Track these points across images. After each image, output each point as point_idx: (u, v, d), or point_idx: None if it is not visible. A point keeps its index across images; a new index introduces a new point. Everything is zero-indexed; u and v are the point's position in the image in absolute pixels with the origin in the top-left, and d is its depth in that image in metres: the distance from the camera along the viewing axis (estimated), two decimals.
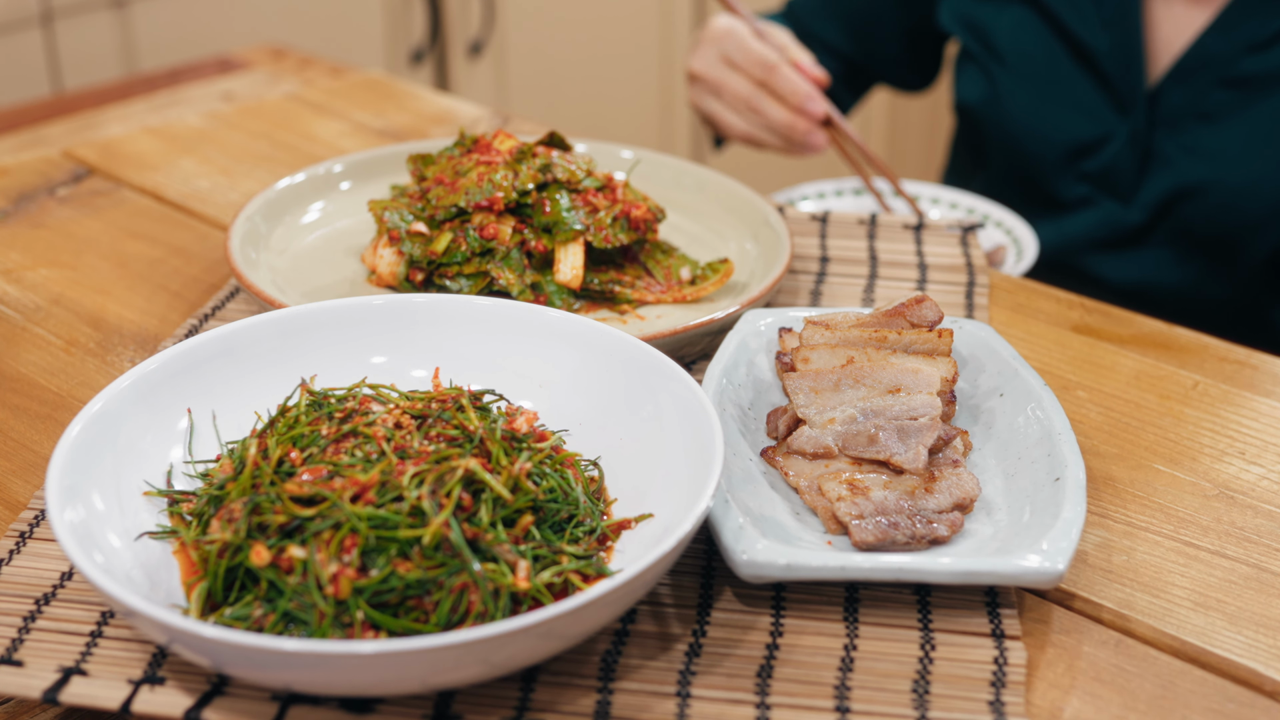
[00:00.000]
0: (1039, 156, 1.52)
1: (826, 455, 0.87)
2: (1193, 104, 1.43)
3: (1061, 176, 1.51)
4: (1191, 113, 1.43)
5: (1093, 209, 1.50)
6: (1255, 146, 1.41)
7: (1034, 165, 1.53)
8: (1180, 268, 1.48)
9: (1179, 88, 1.43)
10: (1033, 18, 1.52)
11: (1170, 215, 1.46)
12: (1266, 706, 0.74)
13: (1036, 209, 1.54)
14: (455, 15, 2.70)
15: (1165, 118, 1.45)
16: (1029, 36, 1.52)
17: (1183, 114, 1.44)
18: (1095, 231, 1.50)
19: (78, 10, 2.18)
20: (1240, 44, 1.40)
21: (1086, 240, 1.50)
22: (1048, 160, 1.51)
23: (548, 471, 0.81)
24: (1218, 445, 0.96)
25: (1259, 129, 1.41)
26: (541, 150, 1.11)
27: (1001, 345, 0.96)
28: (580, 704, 0.73)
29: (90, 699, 0.71)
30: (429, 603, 0.71)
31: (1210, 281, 1.48)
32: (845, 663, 0.76)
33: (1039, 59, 1.52)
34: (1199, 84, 1.42)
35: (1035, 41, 1.52)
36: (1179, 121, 1.44)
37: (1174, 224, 1.46)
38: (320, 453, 0.78)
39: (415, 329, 0.93)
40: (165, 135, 1.46)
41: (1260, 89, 1.41)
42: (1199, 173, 1.43)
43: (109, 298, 1.14)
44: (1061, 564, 0.76)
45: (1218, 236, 1.45)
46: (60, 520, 0.73)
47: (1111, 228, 1.49)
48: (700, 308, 1.08)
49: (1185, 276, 1.48)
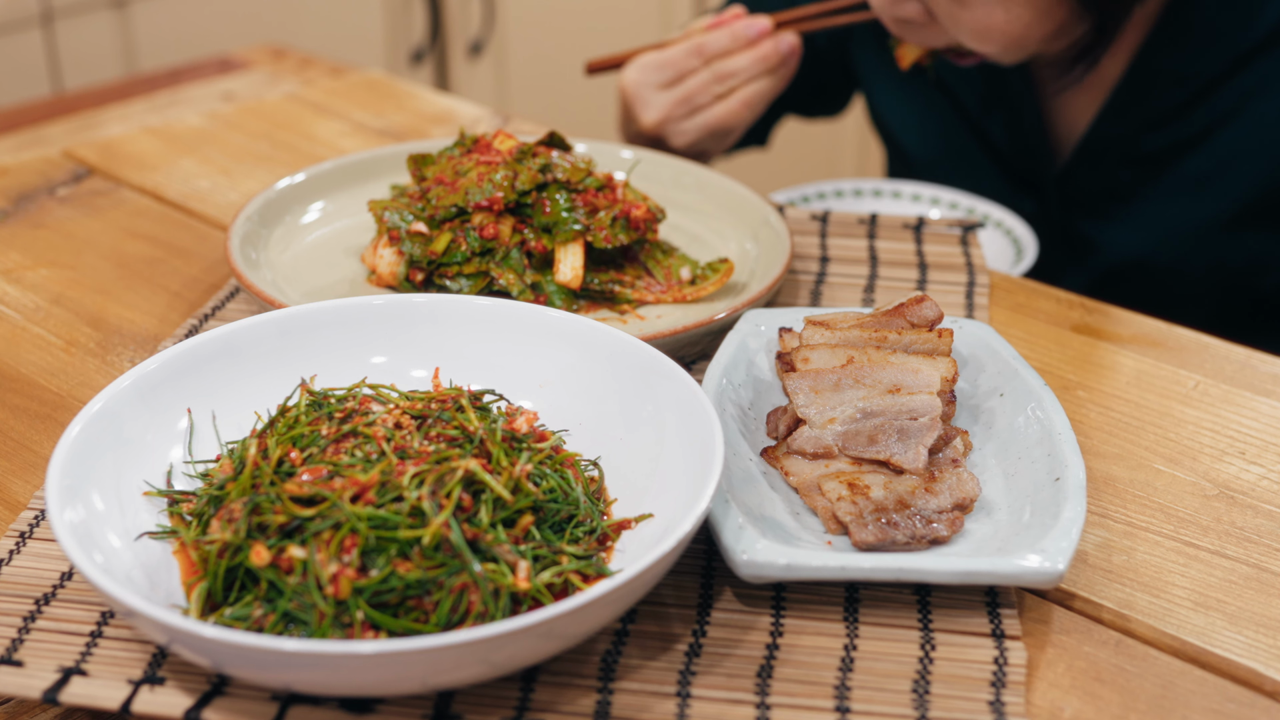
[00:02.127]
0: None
1: (826, 455, 0.87)
2: (1103, 184, 1.42)
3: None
4: (1103, 193, 1.42)
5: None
6: (1170, 222, 1.40)
7: None
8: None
9: (1087, 170, 1.42)
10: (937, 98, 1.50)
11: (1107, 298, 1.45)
12: (1266, 706, 0.74)
13: None
14: (455, 15, 2.70)
15: (1078, 200, 1.43)
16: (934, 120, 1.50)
17: (1095, 195, 1.43)
18: None
19: (78, 10, 2.19)
20: (1135, 124, 1.39)
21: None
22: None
23: (548, 472, 0.81)
24: (1218, 445, 0.96)
25: (1171, 203, 1.40)
26: (541, 150, 1.11)
27: (1001, 345, 0.96)
28: (580, 704, 0.73)
29: (90, 699, 0.71)
30: (429, 603, 0.71)
31: None
32: (845, 663, 0.76)
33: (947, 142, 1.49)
34: (1106, 165, 1.41)
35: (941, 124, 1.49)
36: (1093, 203, 1.43)
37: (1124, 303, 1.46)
38: (320, 453, 0.78)
39: (415, 329, 0.93)
40: (165, 135, 1.46)
41: (1164, 165, 1.39)
42: (1125, 254, 1.42)
43: (109, 298, 1.14)
44: (1061, 564, 0.76)
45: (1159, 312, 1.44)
46: (60, 520, 0.73)
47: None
48: (700, 308, 1.08)
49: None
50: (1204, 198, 1.39)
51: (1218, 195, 1.38)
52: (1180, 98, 1.37)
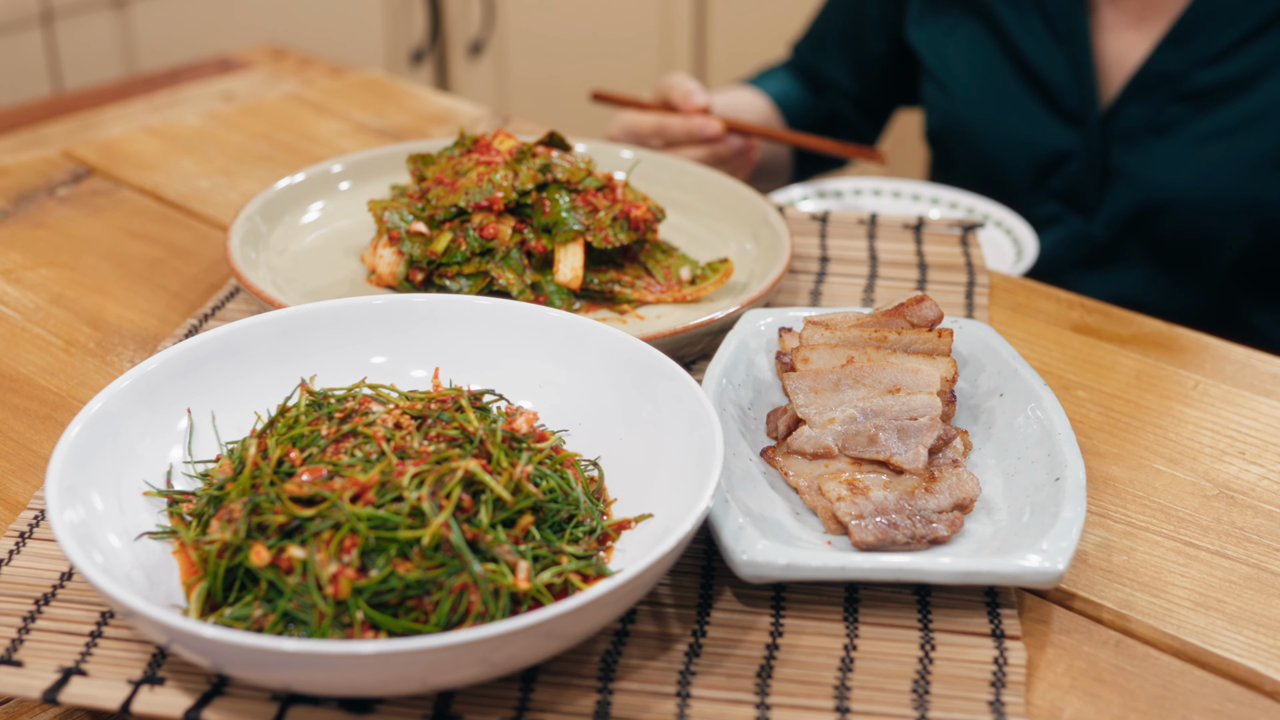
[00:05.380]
0: (1004, 176, 1.55)
1: (826, 455, 0.87)
2: (1149, 120, 1.46)
3: (1030, 195, 1.54)
4: (1148, 129, 1.46)
5: (1062, 226, 1.53)
6: (1213, 158, 1.43)
7: (1002, 185, 1.55)
8: (1156, 281, 1.51)
9: (1134, 105, 1.46)
10: (986, 35, 1.55)
11: (1138, 231, 1.49)
12: (1266, 706, 0.74)
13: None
14: (455, 15, 2.70)
15: (1121, 134, 1.47)
16: (981, 55, 1.56)
17: (1139, 130, 1.46)
18: (1067, 250, 1.53)
19: (78, 10, 2.19)
20: (1192, 59, 1.43)
21: (1061, 259, 1.53)
22: (1014, 179, 1.54)
23: (547, 472, 0.81)
24: (1218, 445, 0.96)
25: (1217, 140, 1.43)
26: (541, 150, 1.11)
27: (1001, 345, 0.96)
28: (580, 704, 0.73)
29: (90, 699, 0.71)
30: (429, 603, 0.71)
31: (1186, 292, 1.50)
32: (845, 663, 0.76)
33: (992, 77, 1.55)
34: (1154, 100, 1.45)
35: (987, 60, 1.55)
36: (1136, 138, 1.47)
37: (1143, 239, 1.49)
38: (320, 453, 0.78)
39: (415, 329, 0.93)
40: (165, 135, 1.46)
41: (1215, 101, 1.43)
42: (1161, 187, 1.45)
43: (109, 298, 1.14)
44: (1061, 564, 0.76)
45: (1186, 249, 1.47)
46: (60, 520, 0.73)
47: (1081, 245, 1.52)
48: (700, 308, 1.08)
49: (1161, 289, 1.51)
50: (1250, 136, 1.42)
51: (1264, 135, 1.42)
52: (1236, 35, 1.41)
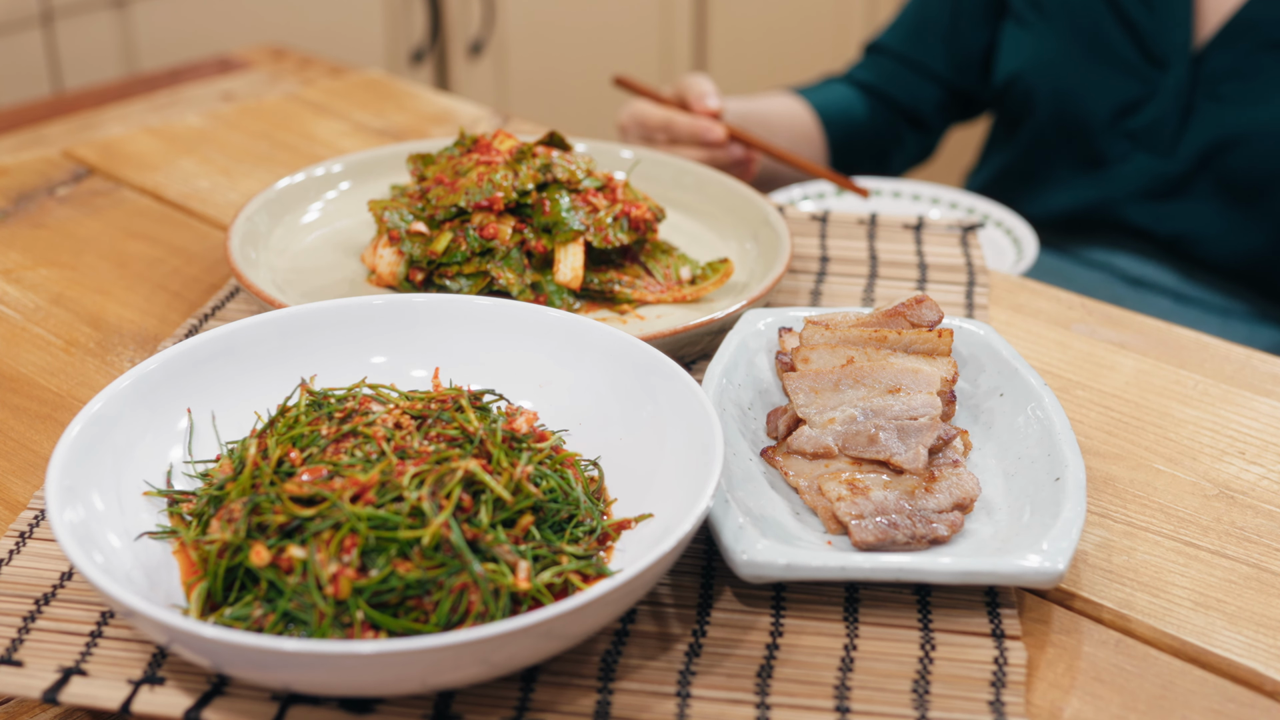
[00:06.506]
0: (1085, 115, 1.58)
1: (826, 455, 0.87)
2: (1236, 66, 1.49)
3: (1106, 134, 1.57)
4: (1234, 75, 1.49)
5: (1134, 163, 1.56)
6: None
7: (1079, 124, 1.58)
8: (1221, 217, 1.53)
9: (1224, 51, 1.49)
10: None
11: (1211, 165, 1.51)
12: (1266, 706, 0.74)
13: (1078, 166, 1.61)
14: (455, 15, 2.70)
15: (1208, 78, 1.50)
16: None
17: (1225, 75, 1.49)
18: (1137, 183, 1.56)
19: (78, 10, 2.19)
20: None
21: (1128, 193, 1.56)
22: (1094, 119, 1.57)
23: (547, 472, 0.81)
24: (1218, 445, 0.96)
25: None
26: (541, 150, 1.11)
27: (1001, 345, 0.96)
28: (580, 704, 0.73)
29: (90, 699, 0.71)
30: (429, 603, 0.71)
31: (1250, 231, 1.52)
32: (845, 663, 0.76)
33: (1084, 19, 1.58)
34: (1244, 47, 1.48)
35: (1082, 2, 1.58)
36: (1221, 82, 1.50)
37: (1214, 174, 1.52)
38: (320, 453, 0.78)
39: (415, 329, 0.93)
40: (165, 135, 1.46)
41: None
42: (1239, 124, 1.48)
43: (109, 298, 1.14)
44: (1061, 564, 0.76)
45: (1258, 185, 1.50)
46: (60, 520, 0.73)
47: (1153, 179, 1.55)
48: (700, 308, 1.08)
49: (1226, 226, 1.53)
50: None
51: None
52: None
